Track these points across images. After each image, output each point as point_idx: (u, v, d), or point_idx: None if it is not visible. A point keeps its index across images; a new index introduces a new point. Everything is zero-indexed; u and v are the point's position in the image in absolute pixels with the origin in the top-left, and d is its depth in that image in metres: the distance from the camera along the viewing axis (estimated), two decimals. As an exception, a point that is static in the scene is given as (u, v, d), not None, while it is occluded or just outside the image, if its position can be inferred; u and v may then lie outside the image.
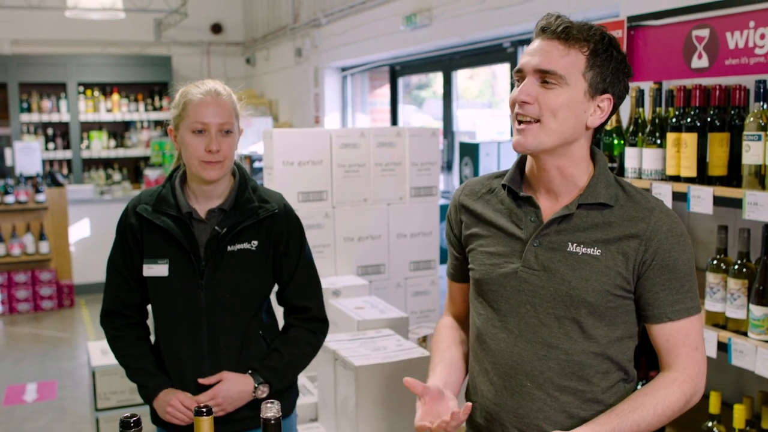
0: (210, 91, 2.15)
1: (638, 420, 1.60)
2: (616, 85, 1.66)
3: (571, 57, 1.61)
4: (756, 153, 2.12)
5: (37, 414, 5.11)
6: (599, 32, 1.64)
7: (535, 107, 1.63)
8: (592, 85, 1.63)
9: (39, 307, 7.76)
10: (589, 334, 1.66)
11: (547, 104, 1.62)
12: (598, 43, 1.62)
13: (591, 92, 1.64)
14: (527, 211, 1.72)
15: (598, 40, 1.62)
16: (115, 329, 2.29)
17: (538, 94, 1.62)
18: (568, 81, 1.61)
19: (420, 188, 3.58)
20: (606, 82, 1.64)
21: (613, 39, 1.66)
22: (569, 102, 1.62)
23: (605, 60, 1.63)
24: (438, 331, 1.97)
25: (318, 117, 7.81)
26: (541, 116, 1.63)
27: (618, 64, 1.65)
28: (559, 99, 1.61)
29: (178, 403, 2.14)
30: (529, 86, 1.63)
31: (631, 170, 2.58)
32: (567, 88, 1.61)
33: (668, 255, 1.63)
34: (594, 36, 1.62)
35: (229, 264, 2.18)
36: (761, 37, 2.24)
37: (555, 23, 1.63)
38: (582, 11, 3.62)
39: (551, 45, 1.62)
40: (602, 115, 1.67)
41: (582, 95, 1.63)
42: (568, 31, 1.61)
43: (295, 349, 2.26)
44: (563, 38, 1.62)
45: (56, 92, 9.56)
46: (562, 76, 1.61)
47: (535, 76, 1.63)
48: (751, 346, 2.12)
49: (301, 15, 8.03)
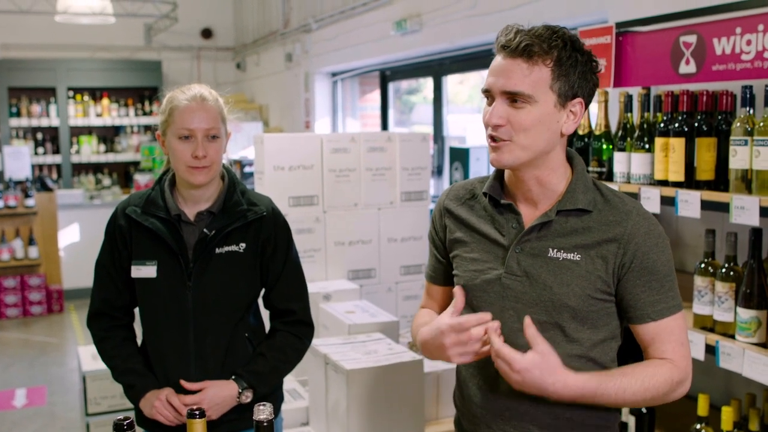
0: (195, 96, 2.15)
1: (625, 385, 1.61)
2: (584, 87, 1.65)
3: (535, 73, 1.59)
4: (742, 158, 2.14)
5: (26, 420, 5.09)
6: (560, 39, 1.60)
7: (508, 128, 1.62)
8: (561, 95, 1.62)
9: (28, 312, 7.73)
10: (572, 337, 1.67)
11: (519, 123, 1.61)
12: (561, 51, 1.60)
13: (561, 101, 1.63)
14: (508, 217, 1.73)
15: (561, 48, 1.60)
16: (102, 330, 2.29)
17: (508, 114, 1.62)
18: (537, 98, 1.60)
19: (410, 193, 3.59)
20: (574, 88, 1.63)
21: (575, 41, 1.63)
22: (540, 117, 1.61)
23: (570, 67, 1.61)
24: (417, 317, 1.96)
25: (308, 122, 7.81)
26: (514, 135, 1.62)
27: (584, 66, 1.63)
28: (529, 117, 1.61)
29: (164, 399, 2.15)
30: (499, 108, 1.63)
31: (619, 175, 2.60)
32: (536, 105, 1.60)
33: (647, 257, 1.64)
34: (556, 45, 1.59)
35: (217, 266, 2.19)
36: (747, 43, 2.26)
37: (515, 41, 1.60)
38: (570, 17, 3.64)
39: (514, 64, 1.60)
40: (576, 120, 1.67)
41: (552, 107, 1.62)
42: (529, 49, 1.59)
43: (280, 354, 2.27)
44: (525, 56, 1.59)
45: (46, 97, 9.52)
46: (530, 95, 1.60)
47: (503, 97, 1.62)
48: (738, 349, 2.14)
49: (292, 20, 8.04)
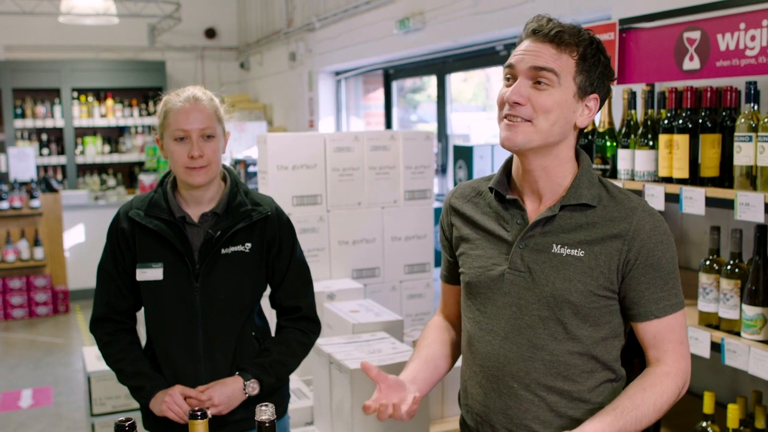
0: (189, 97, 2.16)
1: (640, 417, 1.62)
2: (601, 88, 1.69)
3: (562, 60, 1.63)
4: (747, 154, 2.13)
5: (32, 420, 5.10)
6: (588, 37, 1.65)
7: (528, 108, 1.63)
8: (581, 88, 1.65)
9: (34, 313, 7.75)
10: (574, 334, 1.67)
11: (540, 104, 1.62)
12: (587, 48, 1.64)
13: (580, 94, 1.65)
14: (513, 213, 1.74)
15: (587, 45, 1.64)
16: (107, 335, 2.29)
17: (530, 94, 1.63)
18: (561, 81, 1.62)
19: (414, 191, 3.58)
20: (594, 86, 1.67)
21: (600, 43, 1.68)
22: (561, 102, 1.63)
23: (593, 65, 1.65)
24: (424, 330, 2.00)
25: (312, 121, 7.80)
26: (534, 117, 1.63)
27: (604, 69, 1.68)
28: (551, 99, 1.62)
29: (175, 393, 2.14)
30: (521, 86, 1.64)
31: (623, 172, 2.59)
32: (559, 88, 1.62)
33: (651, 254, 1.64)
34: (584, 41, 1.64)
35: (224, 266, 2.20)
36: (752, 39, 2.25)
37: (547, 26, 1.64)
38: (574, 14, 3.63)
39: (543, 47, 1.63)
40: (590, 115, 1.70)
41: (572, 97, 1.65)
42: (560, 36, 1.62)
43: (284, 347, 2.28)
44: (555, 42, 1.62)
45: (50, 98, 9.53)
46: (558, 73, 1.62)
47: (527, 76, 1.63)
48: (744, 346, 2.13)
49: (295, 19, 8.03)
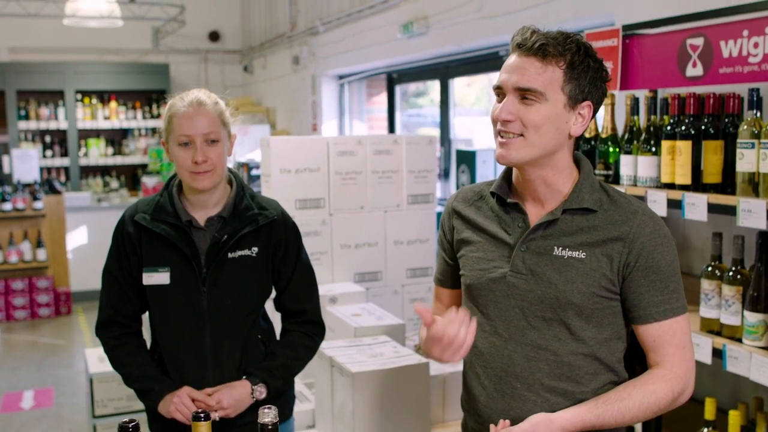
0: (192, 102, 2.15)
1: (623, 410, 1.63)
2: (594, 93, 1.69)
3: (548, 73, 1.63)
4: (749, 160, 2.14)
5: (34, 421, 5.11)
6: (575, 44, 1.65)
7: (517, 124, 1.65)
8: (572, 97, 1.65)
9: (36, 314, 7.76)
10: (578, 335, 1.68)
11: (529, 120, 1.64)
12: (575, 55, 1.64)
13: (571, 103, 1.66)
14: (515, 217, 1.75)
15: (574, 53, 1.64)
16: (113, 339, 2.29)
17: (518, 111, 1.65)
18: (548, 97, 1.63)
19: (417, 195, 3.59)
20: (585, 92, 1.67)
21: (588, 48, 1.67)
22: (550, 116, 1.64)
23: (582, 71, 1.65)
24: None
25: (315, 125, 7.81)
26: (524, 132, 1.65)
27: (595, 73, 1.67)
28: (539, 114, 1.64)
29: (184, 395, 2.14)
30: (509, 104, 1.66)
31: (626, 178, 2.59)
32: (546, 103, 1.64)
33: (651, 257, 1.65)
34: (570, 49, 1.64)
35: (231, 270, 2.20)
36: (755, 46, 2.25)
37: (531, 39, 1.64)
38: (577, 20, 3.63)
39: (528, 62, 1.64)
40: (584, 123, 1.70)
41: (562, 108, 1.65)
42: (544, 48, 1.63)
43: (289, 350, 2.29)
44: (540, 55, 1.63)
45: (54, 100, 9.55)
46: (542, 92, 1.63)
47: (514, 94, 1.66)
48: (745, 353, 2.13)
49: (299, 23, 8.05)
